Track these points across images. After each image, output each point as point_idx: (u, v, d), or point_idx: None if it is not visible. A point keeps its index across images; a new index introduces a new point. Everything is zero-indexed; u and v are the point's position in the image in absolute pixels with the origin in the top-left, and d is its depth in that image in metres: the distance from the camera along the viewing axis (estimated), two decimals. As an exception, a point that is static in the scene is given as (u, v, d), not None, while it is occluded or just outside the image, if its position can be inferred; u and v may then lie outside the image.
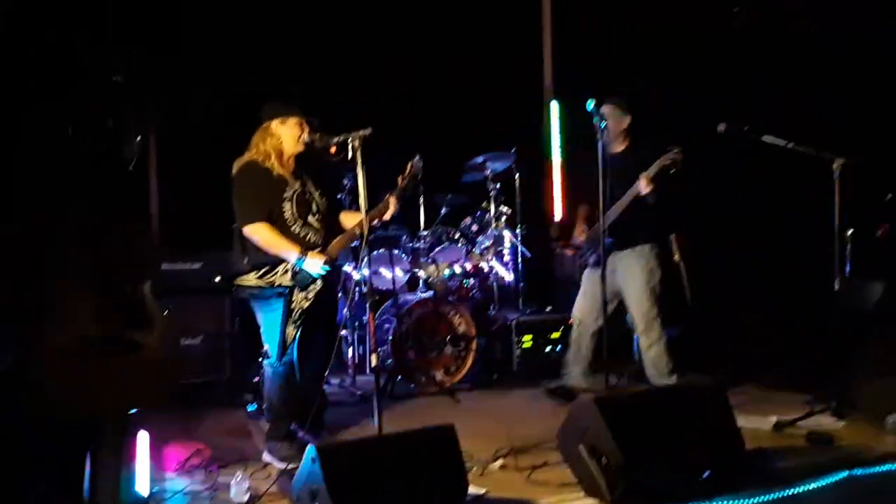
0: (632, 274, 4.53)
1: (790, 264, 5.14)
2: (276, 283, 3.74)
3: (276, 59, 5.61)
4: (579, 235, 4.75)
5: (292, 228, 3.77)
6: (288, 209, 3.77)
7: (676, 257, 5.19)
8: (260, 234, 3.70)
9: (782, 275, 5.19)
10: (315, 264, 3.72)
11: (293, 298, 3.74)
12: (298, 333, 3.76)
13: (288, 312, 3.72)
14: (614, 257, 4.51)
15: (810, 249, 4.53)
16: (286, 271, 3.74)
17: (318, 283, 3.77)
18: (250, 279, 3.75)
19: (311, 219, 3.83)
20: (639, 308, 4.54)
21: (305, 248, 3.75)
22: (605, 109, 4.48)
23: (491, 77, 6.26)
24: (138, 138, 2.99)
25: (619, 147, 4.59)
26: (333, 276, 3.95)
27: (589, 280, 4.69)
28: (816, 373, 4.49)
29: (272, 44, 5.65)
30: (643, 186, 4.30)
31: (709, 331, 5.39)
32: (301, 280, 3.74)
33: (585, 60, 6.16)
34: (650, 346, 4.58)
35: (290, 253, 3.70)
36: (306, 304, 3.75)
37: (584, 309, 4.70)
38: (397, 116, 5.78)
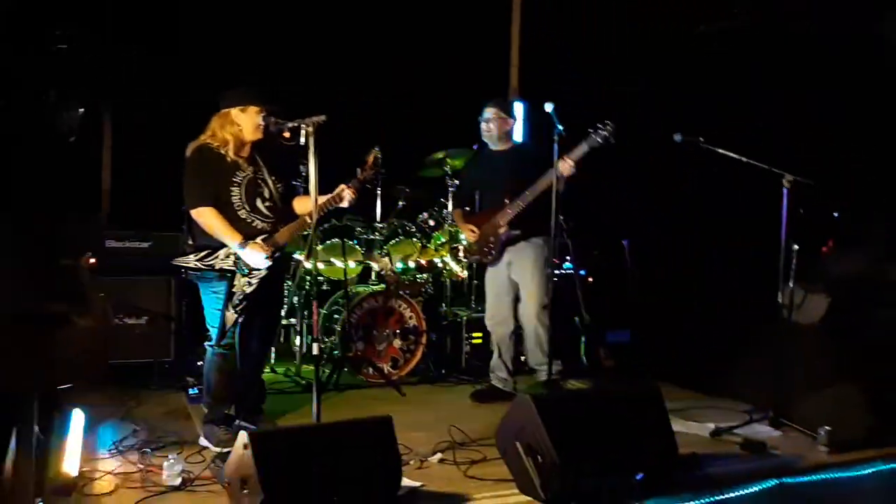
0: (526, 264, 4.59)
1: (739, 273, 5.23)
2: (217, 267, 3.72)
3: (236, 45, 5.55)
4: (471, 237, 4.72)
5: (239, 213, 3.75)
6: (237, 194, 3.74)
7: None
8: (205, 218, 3.70)
9: (730, 283, 5.28)
10: (255, 255, 3.70)
11: (234, 283, 3.72)
12: (241, 319, 3.73)
13: (228, 296, 3.70)
14: (510, 250, 4.61)
15: (759, 260, 4.62)
16: (227, 256, 3.72)
17: (263, 269, 3.75)
18: (189, 260, 3.73)
19: (259, 205, 3.80)
20: (533, 297, 4.57)
21: (251, 234, 3.73)
22: (491, 111, 4.68)
23: (458, 73, 6.26)
24: (80, 110, 2.93)
25: (501, 146, 4.72)
26: (281, 264, 3.92)
27: (494, 280, 4.72)
28: (757, 383, 4.57)
29: (231, 30, 5.59)
30: (565, 168, 4.28)
31: (655, 336, 5.46)
32: (241, 266, 3.72)
33: (552, 62, 6.20)
34: (544, 330, 4.57)
35: (232, 240, 3.69)
36: (248, 290, 3.73)
37: (498, 312, 4.74)
38: (360, 107, 5.76)
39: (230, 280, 3.71)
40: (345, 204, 3.89)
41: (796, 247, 4.20)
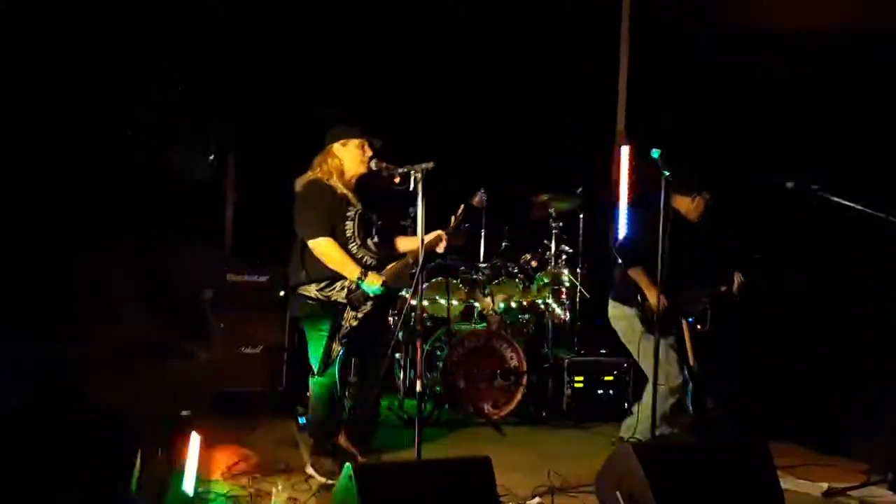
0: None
1: (859, 326, 4.98)
2: (333, 298, 3.86)
3: (350, 89, 5.81)
4: (662, 301, 4.18)
5: (350, 247, 3.88)
6: (350, 228, 3.88)
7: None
8: (324, 248, 3.81)
9: (850, 336, 5.03)
10: (374, 286, 3.82)
11: (344, 316, 3.84)
12: (342, 351, 3.85)
13: (336, 328, 3.83)
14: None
15: (882, 313, 4.41)
16: (343, 288, 3.85)
17: (369, 305, 3.87)
18: (311, 290, 3.86)
19: (369, 241, 3.94)
20: None
21: (363, 268, 3.86)
22: (707, 195, 4.54)
23: (565, 116, 6.32)
24: (212, 157, 3.18)
25: (694, 217, 4.57)
26: (384, 301, 4.03)
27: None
28: (877, 442, 4.34)
29: (346, 75, 5.87)
30: (736, 287, 4.46)
31: (768, 388, 5.26)
32: (353, 300, 3.85)
33: (660, 108, 6.16)
34: None
35: (352, 271, 3.80)
36: (354, 324, 3.86)
37: None
38: (469, 147, 5.90)
39: (340, 313, 3.84)
40: (439, 250, 3.96)
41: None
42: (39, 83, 4.00)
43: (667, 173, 4.03)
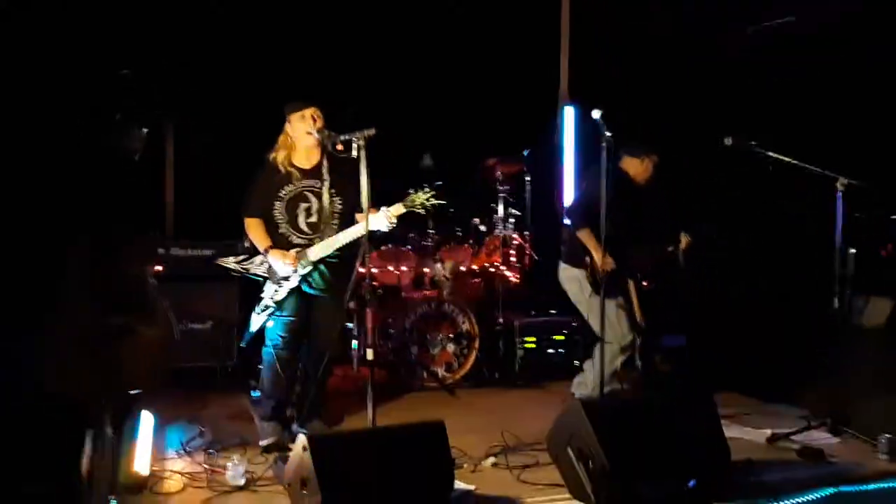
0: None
1: (796, 277, 5.15)
2: (251, 271, 3.99)
3: (291, 56, 5.69)
4: (607, 265, 4.19)
5: (279, 228, 3.94)
6: (278, 209, 3.93)
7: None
8: (247, 227, 3.99)
9: (787, 287, 5.20)
10: (277, 262, 3.88)
11: (264, 288, 3.96)
12: (266, 322, 3.95)
13: (257, 300, 3.95)
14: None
15: (816, 264, 4.56)
16: (262, 262, 3.97)
17: (292, 280, 3.90)
18: (228, 261, 4.02)
19: (300, 221, 3.94)
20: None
21: (287, 249, 3.90)
22: (654, 157, 4.58)
23: (507, 79, 6.30)
24: (144, 130, 3.11)
25: (642, 179, 4.63)
26: (341, 273, 3.99)
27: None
28: (816, 388, 4.51)
29: (287, 42, 5.74)
30: (683, 247, 4.58)
31: (711, 341, 5.42)
32: (273, 273, 3.92)
33: (602, 66, 6.18)
34: None
35: (260, 246, 3.93)
36: (277, 297, 3.91)
37: None
38: (412, 115, 5.85)
39: (261, 285, 3.96)
40: (384, 228, 3.89)
41: (853, 251, 4.14)
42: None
43: (608, 134, 4.07)
